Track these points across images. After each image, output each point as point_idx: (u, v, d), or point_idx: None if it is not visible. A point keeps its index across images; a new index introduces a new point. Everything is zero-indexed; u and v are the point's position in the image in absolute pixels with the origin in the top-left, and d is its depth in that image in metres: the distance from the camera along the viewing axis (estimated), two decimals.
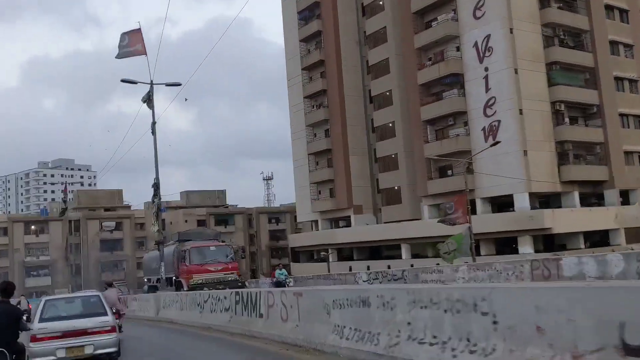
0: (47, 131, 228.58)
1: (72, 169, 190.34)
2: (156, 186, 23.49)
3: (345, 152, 57.97)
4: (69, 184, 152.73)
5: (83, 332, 10.74)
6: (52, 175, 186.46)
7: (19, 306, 28.86)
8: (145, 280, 33.96)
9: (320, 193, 62.04)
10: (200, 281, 23.04)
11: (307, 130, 62.09)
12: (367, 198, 58.57)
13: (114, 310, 12.67)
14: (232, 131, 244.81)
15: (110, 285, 17.43)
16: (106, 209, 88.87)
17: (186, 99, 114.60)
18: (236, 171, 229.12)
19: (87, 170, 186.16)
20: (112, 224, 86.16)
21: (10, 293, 8.29)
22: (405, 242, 49.29)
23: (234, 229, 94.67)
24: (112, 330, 11.13)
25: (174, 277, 26.10)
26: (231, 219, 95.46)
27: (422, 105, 48.79)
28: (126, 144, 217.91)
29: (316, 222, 64.16)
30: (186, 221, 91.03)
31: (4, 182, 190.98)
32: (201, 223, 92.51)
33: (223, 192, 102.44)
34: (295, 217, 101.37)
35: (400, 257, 49.16)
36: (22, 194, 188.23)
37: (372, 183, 58.74)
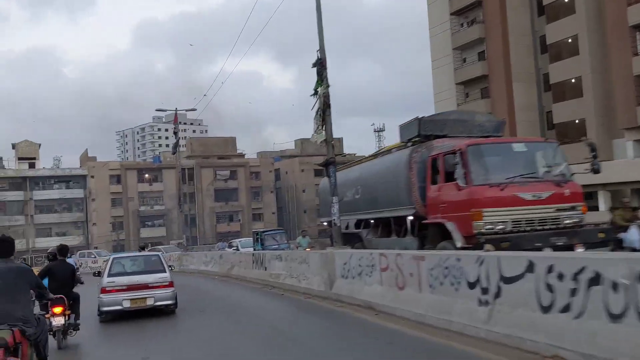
0: (158, 90, 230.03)
1: (184, 123, 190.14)
2: (321, 64, 13.12)
3: (508, 78, 45.52)
4: (182, 137, 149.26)
5: (145, 286, 12.09)
6: (167, 130, 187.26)
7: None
8: (324, 223, 19.08)
9: None
10: (501, 226, 10.00)
11: (453, 55, 50.06)
12: (534, 135, 46.05)
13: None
14: (332, 89, 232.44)
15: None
16: (219, 157, 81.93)
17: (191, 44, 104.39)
18: (337, 129, 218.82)
19: (199, 124, 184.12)
20: (227, 172, 79.04)
21: (65, 253, 10.23)
22: (604, 189, 36.81)
23: None
24: (170, 285, 12.45)
25: (409, 218, 12.76)
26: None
27: (629, 5, 35.50)
28: (230, 97, 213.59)
29: None
30: (302, 170, 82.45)
31: (121, 136, 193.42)
32: (318, 173, 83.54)
33: (340, 140, 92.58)
34: None
35: (595, 208, 36.82)
36: (138, 148, 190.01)
37: (542, 116, 46.01)
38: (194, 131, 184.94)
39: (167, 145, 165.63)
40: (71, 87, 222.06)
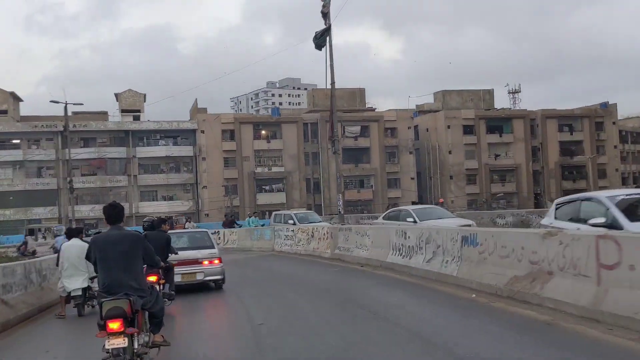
0: (268, 62, 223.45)
1: (298, 88, 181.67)
2: None
3: None
4: (296, 102, 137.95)
5: (195, 261, 12.10)
6: (280, 95, 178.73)
7: None
8: None
9: None
10: None
11: None
12: None
13: None
14: (441, 57, 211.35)
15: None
16: (345, 112, 67.51)
17: None
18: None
19: (313, 89, 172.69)
20: (357, 128, 64.54)
21: (159, 225, 10.35)
22: None
23: (512, 139, 67.86)
24: (219, 260, 12.40)
25: None
26: (507, 125, 68.30)
27: None
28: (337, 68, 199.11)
29: None
30: (448, 127, 66.27)
31: (235, 103, 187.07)
32: (468, 129, 67.02)
33: (490, 92, 75.05)
34: (599, 123, 70.90)
35: None
36: (252, 114, 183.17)
37: None
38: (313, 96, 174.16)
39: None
40: (185, 62, 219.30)
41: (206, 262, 12.01)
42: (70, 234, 10.87)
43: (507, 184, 67.71)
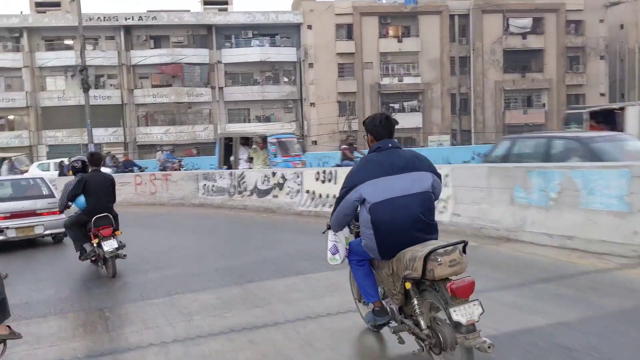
0: None
1: None
2: None
3: None
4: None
5: (32, 213, 10.20)
6: None
7: None
8: None
9: None
10: None
11: None
12: None
13: None
14: None
15: None
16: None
17: None
18: None
19: None
20: (527, 21, 44.45)
21: (99, 162, 7.92)
22: None
23: None
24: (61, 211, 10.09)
25: None
26: None
27: None
28: None
29: None
30: None
31: None
32: None
33: None
34: None
35: None
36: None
37: None
38: None
39: None
40: None
41: (46, 214, 10.09)
42: None
43: None
